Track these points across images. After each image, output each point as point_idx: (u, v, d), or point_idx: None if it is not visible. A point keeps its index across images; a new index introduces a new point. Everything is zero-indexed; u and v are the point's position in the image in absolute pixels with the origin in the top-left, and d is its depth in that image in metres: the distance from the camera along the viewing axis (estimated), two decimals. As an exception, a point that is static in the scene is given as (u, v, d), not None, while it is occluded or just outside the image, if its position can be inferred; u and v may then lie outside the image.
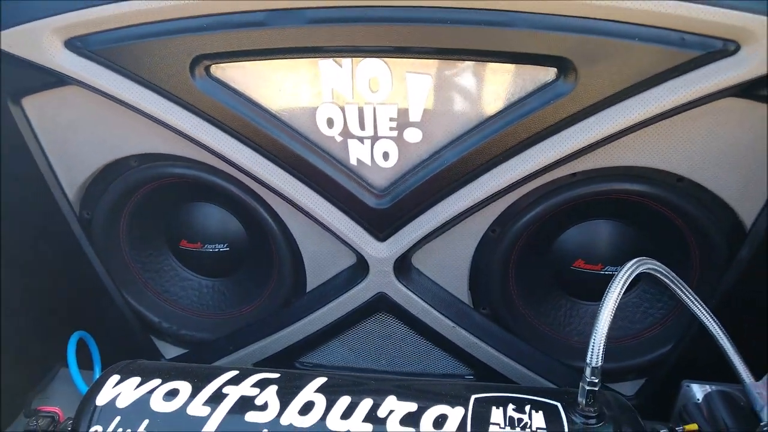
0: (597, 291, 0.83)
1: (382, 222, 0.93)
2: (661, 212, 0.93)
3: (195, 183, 1.01)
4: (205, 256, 1.13)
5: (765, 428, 0.77)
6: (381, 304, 1.01)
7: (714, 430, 0.84)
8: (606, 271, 1.01)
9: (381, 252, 0.96)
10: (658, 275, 0.79)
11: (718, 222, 0.89)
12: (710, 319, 0.82)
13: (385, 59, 0.82)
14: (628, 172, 0.88)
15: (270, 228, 1.01)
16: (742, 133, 0.81)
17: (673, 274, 0.80)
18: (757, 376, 0.84)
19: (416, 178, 0.89)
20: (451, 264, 0.99)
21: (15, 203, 1.01)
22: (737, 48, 0.73)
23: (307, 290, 1.06)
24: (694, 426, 0.86)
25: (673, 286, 0.81)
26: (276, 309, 1.09)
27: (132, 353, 0.93)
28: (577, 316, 1.07)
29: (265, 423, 0.76)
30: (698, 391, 0.94)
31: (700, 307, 0.82)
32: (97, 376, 1.10)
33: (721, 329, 0.82)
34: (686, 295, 0.81)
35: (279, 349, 1.09)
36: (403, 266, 0.98)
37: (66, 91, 0.91)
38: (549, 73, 0.80)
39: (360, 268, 0.99)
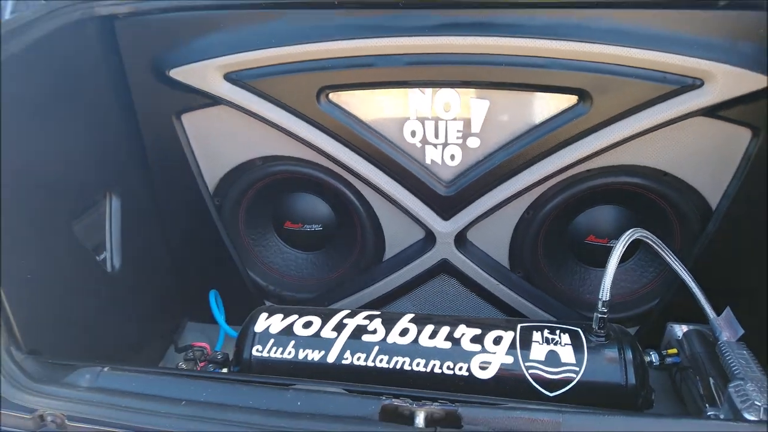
0: (604, 260, 1.16)
1: (447, 206, 1.27)
2: (651, 199, 1.27)
3: (301, 177, 1.34)
4: (304, 234, 1.47)
5: (721, 345, 1.10)
6: (444, 268, 1.35)
7: (688, 354, 1.18)
8: (611, 244, 1.35)
9: (445, 228, 1.30)
10: (648, 240, 1.13)
11: (693, 205, 1.23)
12: (686, 273, 1.15)
13: (456, 89, 1.16)
14: (628, 169, 1.22)
15: (358, 210, 1.35)
16: (708, 140, 1.15)
17: (659, 240, 1.14)
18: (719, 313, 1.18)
19: (474, 174, 1.23)
20: (496, 238, 1.33)
21: (170, 190, 1.35)
22: (702, 83, 1.07)
23: (384, 259, 1.40)
24: (674, 350, 1.20)
25: (658, 248, 1.15)
26: (358, 273, 1.43)
27: (247, 311, 1.22)
28: (588, 278, 1.41)
29: (377, 342, 1.10)
30: (679, 330, 1.27)
31: (678, 265, 1.16)
32: (225, 325, 1.44)
33: (693, 280, 1.15)
34: (668, 256, 1.15)
35: (361, 304, 1.43)
36: (461, 239, 1.32)
37: (215, 110, 1.25)
38: (572, 100, 1.13)
39: (429, 240, 1.33)
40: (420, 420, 0.79)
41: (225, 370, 1.18)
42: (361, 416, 0.80)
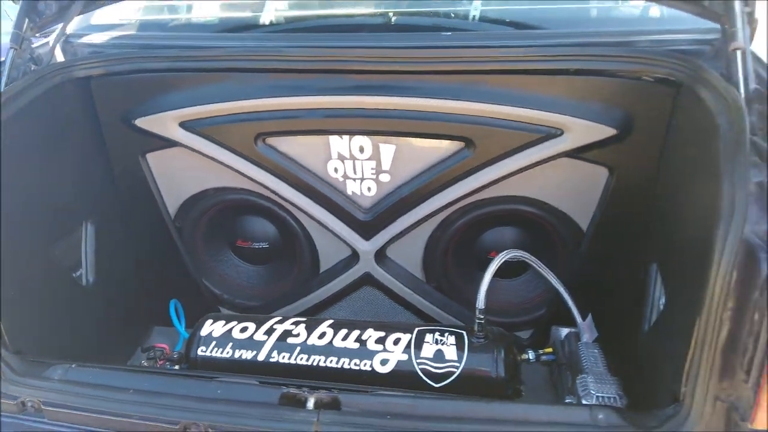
0: (505, 273, 1.38)
1: (366, 228, 1.52)
2: (539, 223, 1.52)
3: (248, 204, 1.60)
4: (252, 251, 1.72)
5: (580, 345, 1.35)
6: (367, 280, 1.60)
7: (567, 353, 1.43)
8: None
9: (366, 246, 1.55)
10: (522, 258, 1.38)
11: (569, 229, 1.48)
12: (558, 284, 1.40)
13: (367, 136, 1.41)
14: (516, 199, 1.46)
15: (296, 232, 1.60)
16: (575, 176, 1.39)
17: (533, 257, 1.39)
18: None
19: (387, 202, 1.48)
20: (411, 254, 1.58)
21: (137, 216, 1.60)
22: (562, 132, 1.32)
23: (320, 272, 1.65)
24: (549, 349, 1.45)
25: (532, 264, 1.40)
26: (298, 285, 1.68)
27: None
28: (493, 289, 1.65)
29: (299, 344, 1.35)
30: (563, 332, 1.52)
31: (551, 277, 1.41)
32: (184, 328, 1.69)
33: (565, 290, 1.40)
34: (541, 269, 1.41)
35: (301, 310, 1.68)
36: (381, 255, 1.57)
37: (174, 150, 1.50)
38: (460, 144, 1.38)
39: (354, 257, 1.58)
40: (310, 404, 1.04)
41: (177, 367, 1.44)
42: (265, 402, 1.05)
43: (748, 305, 0.81)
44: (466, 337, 1.34)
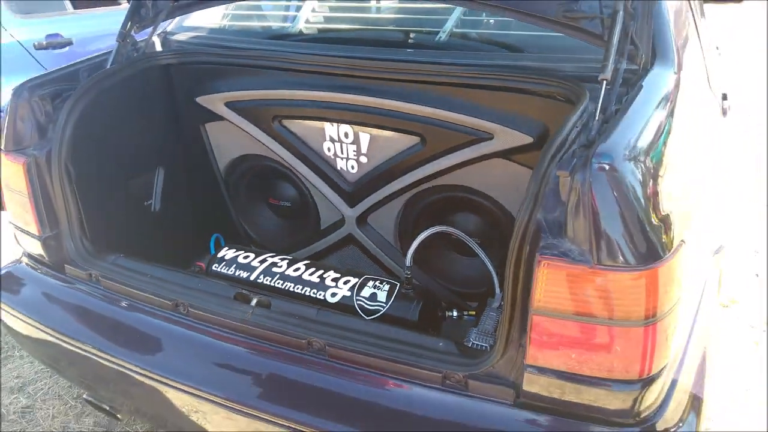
0: (464, 249, 1.68)
1: (350, 198, 1.96)
2: (485, 209, 1.84)
3: (274, 170, 2.10)
4: (279, 208, 2.23)
5: (488, 308, 1.67)
6: (350, 240, 2.04)
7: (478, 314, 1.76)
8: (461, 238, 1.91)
9: (350, 212, 1.98)
10: (453, 232, 1.73)
11: (504, 216, 1.79)
12: (483, 255, 1.73)
13: (349, 125, 1.83)
14: (465, 188, 1.80)
15: (306, 196, 2.07)
16: (507, 173, 1.70)
17: (462, 233, 1.73)
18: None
19: (365, 179, 1.90)
20: (386, 224, 1.98)
21: (197, 169, 2.18)
22: (492, 137, 1.64)
23: (321, 229, 2.12)
24: (473, 312, 1.78)
25: (461, 237, 1.74)
26: (306, 237, 2.16)
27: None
28: (453, 262, 2.00)
29: (279, 272, 1.82)
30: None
31: (478, 250, 1.73)
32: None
33: (489, 261, 1.72)
34: (468, 242, 1.74)
35: (302, 257, 2.16)
36: (361, 221, 2.00)
37: (223, 122, 2.04)
38: (416, 139, 1.76)
39: (342, 220, 2.02)
40: (253, 302, 1.52)
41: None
42: (224, 296, 1.54)
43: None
44: (396, 288, 1.72)
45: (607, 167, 1.04)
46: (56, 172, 1.64)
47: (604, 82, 1.25)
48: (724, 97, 2.20)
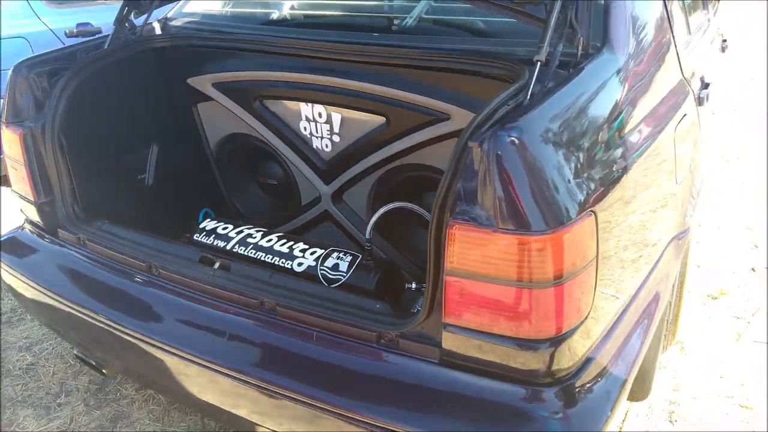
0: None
1: (326, 175, 2.06)
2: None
3: (259, 149, 2.22)
4: (267, 185, 2.35)
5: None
6: (326, 216, 2.14)
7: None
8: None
9: (326, 189, 2.08)
10: (413, 208, 1.81)
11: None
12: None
13: (322, 105, 1.93)
14: (428, 167, 1.88)
15: (289, 175, 2.19)
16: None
17: (419, 208, 1.81)
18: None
19: (338, 157, 2.00)
20: (359, 201, 2.08)
21: (188, 146, 2.32)
22: (449, 117, 1.71)
23: (301, 205, 2.23)
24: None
25: (417, 212, 1.82)
26: (288, 213, 2.28)
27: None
28: (416, 235, 2.08)
29: (253, 243, 1.93)
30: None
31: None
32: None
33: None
34: (423, 215, 1.82)
35: (290, 230, 2.28)
36: (336, 198, 2.09)
37: (213, 103, 2.17)
38: (382, 119, 1.85)
39: (318, 197, 2.13)
40: (216, 266, 1.64)
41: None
42: (190, 258, 1.67)
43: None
44: (357, 259, 1.82)
45: (510, 139, 1.11)
46: (50, 143, 1.80)
47: (539, 63, 1.32)
48: (705, 86, 2.20)
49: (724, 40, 3.29)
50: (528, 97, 1.26)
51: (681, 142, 1.81)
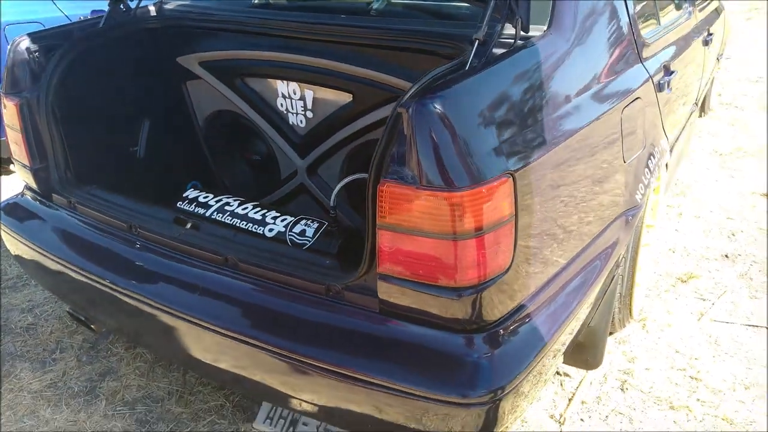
0: None
1: (301, 149, 2.20)
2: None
3: (243, 125, 2.36)
4: (253, 160, 2.50)
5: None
6: (303, 189, 2.29)
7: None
8: None
9: (301, 163, 2.23)
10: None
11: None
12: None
13: (297, 83, 2.07)
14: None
15: (270, 150, 2.33)
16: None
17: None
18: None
19: (311, 132, 2.14)
20: (332, 174, 2.22)
21: (177, 120, 2.47)
22: (409, 95, 1.84)
23: (281, 178, 2.38)
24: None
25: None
26: (270, 187, 2.42)
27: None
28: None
29: (230, 210, 2.08)
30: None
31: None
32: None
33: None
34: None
35: (270, 202, 2.42)
36: (311, 171, 2.24)
37: (200, 81, 2.32)
38: (349, 96, 1.98)
39: (295, 171, 2.27)
40: (188, 226, 1.79)
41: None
42: (165, 219, 1.82)
43: None
44: (323, 226, 1.96)
45: (431, 105, 1.24)
46: (44, 112, 1.96)
47: (476, 41, 1.44)
48: (667, 72, 2.29)
49: (710, 35, 3.36)
50: (457, 72, 1.38)
51: (629, 123, 1.91)
